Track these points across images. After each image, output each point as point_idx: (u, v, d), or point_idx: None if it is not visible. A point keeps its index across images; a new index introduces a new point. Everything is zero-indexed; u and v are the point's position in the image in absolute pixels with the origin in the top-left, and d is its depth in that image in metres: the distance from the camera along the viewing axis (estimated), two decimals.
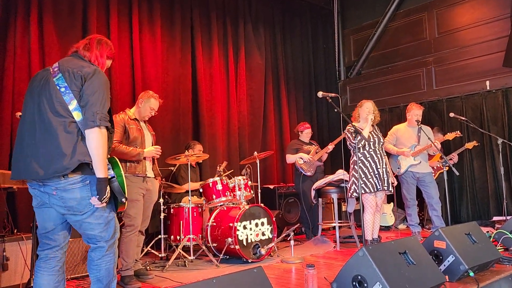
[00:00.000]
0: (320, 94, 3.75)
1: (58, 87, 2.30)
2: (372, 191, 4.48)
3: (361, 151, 4.55)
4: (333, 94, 3.68)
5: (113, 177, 2.33)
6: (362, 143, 4.50)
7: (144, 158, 3.74)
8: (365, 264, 2.45)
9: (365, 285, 2.44)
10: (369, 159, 4.55)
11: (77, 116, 2.25)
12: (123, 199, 2.35)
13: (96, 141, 2.21)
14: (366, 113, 4.64)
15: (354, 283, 2.50)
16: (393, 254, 2.60)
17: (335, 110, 3.44)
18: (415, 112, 5.23)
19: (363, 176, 4.48)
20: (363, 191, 4.45)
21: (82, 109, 2.25)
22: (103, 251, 2.36)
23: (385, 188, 4.53)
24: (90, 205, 2.27)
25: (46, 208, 2.35)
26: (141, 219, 3.73)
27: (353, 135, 3.53)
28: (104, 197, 2.23)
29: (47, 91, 2.31)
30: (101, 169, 2.22)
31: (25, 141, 2.32)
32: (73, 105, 2.26)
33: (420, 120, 5.21)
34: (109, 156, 2.39)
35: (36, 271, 2.41)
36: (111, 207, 2.39)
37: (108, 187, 2.26)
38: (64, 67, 2.35)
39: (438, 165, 5.96)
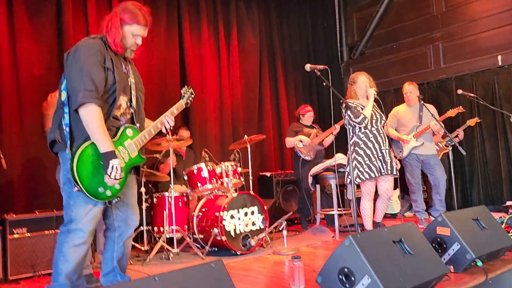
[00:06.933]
0: (307, 67, 3.40)
1: None
2: (377, 175, 4.06)
3: (363, 130, 4.13)
4: (321, 66, 3.31)
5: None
6: (365, 122, 4.06)
7: None
8: (352, 255, 2.14)
9: (353, 278, 2.12)
10: (372, 139, 4.09)
11: (63, 95, 2.30)
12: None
13: (84, 120, 2.24)
14: (365, 88, 4.19)
15: (340, 276, 2.18)
16: (386, 243, 2.27)
17: (324, 84, 3.07)
18: (406, 89, 5.00)
19: (366, 159, 4.05)
20: (363, 178, 4.04)
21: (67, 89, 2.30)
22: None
23: (389, 172, 4.12)
24: (60, 182, 2.39)
25: None
26: None
27: (344, 110, 3.15)
28: (112, 171, 2.22)
29: None
30: (99, 145, 2.24)
31: None
32: (63, 84, 2.32)
33: (418, 95, 4.89)
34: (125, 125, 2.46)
35: None
36: (69, 192, 2.31)
37: (113, 161, 2.23)
38: None
39: (441, 145, 5.52)
